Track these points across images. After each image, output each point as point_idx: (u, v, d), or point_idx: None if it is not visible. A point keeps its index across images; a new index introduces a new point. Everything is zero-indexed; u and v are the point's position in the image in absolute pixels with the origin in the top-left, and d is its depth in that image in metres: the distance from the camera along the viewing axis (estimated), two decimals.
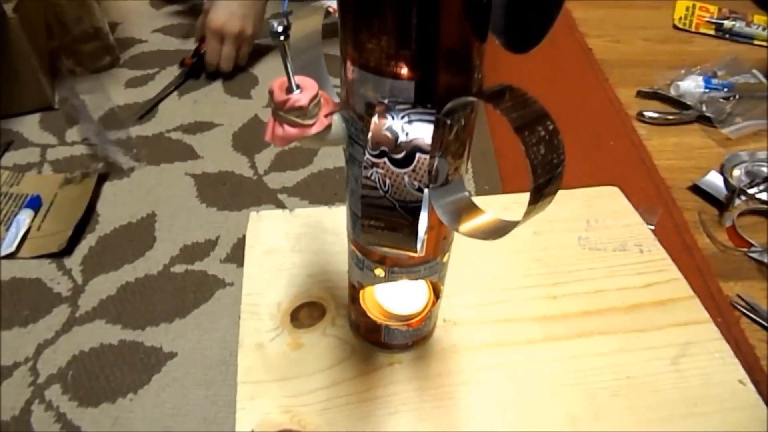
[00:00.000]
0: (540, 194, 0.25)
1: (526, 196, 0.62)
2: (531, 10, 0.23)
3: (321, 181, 0.67)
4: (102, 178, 0.66)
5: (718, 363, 0.47)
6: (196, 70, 0.84)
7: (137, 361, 0.48)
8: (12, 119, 0.74)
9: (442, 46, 0.25)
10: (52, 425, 0.44)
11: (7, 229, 0.58)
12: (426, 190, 0.30)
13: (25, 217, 0.59)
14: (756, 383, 0.46)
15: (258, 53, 0.89)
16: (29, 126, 0.74)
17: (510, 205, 0.61)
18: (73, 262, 0.56)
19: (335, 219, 0.59)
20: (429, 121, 0.24)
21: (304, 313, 0.50)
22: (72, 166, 0.68)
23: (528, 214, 0.25)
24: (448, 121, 0.27)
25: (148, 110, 0.77)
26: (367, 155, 0.23)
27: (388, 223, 0.24)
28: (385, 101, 0.25)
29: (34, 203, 0.61)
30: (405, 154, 0.23)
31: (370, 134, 0.23)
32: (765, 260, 0.58)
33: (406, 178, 0.23)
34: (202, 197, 0.64)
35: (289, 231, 0.57)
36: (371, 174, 0.23)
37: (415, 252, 0.26)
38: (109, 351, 0.49)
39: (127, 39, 0.92)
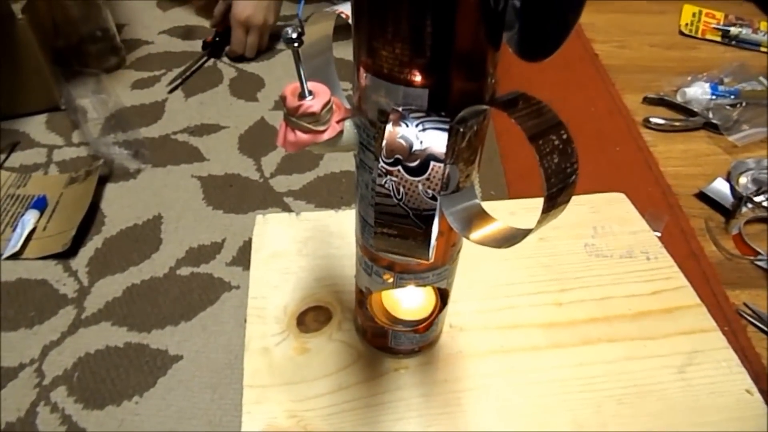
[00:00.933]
0: (553, 203, 0.25)
1: (532, 202, 0.62)
2: (547, 19, 0.23)
3: (327, 184, 0.66)
4: (105, 178, 0.66)
5: (725, 372, 0.47)
6: (217, 50, 0.90)
7: (143, 363, 0.48)
8: (19, 119, 0.75)
9: (456, 54, 0.25)
10: (58, 427, 0.44)
11: (13, 230, 0.58)
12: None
13: (30, 217, 0.59)
14: (763, 393, 0.46)
15: (264, 56, 0.89)
16: (36, 126, 0.74)
17: (516, 210, 0.60)
18: (79, 263, 0.56)
19: (342, 223, 0.59)
20: (443, 129, 0.24)
21: (311, 318, 0.50)
22: (78, 166, 0.68)
23: (541, 222, 0.25)
24: (461, 129, 0.27)
25: (171, 90, 0.82)
26: (381, 163, 0.23)
27: (401, 231, 0.24)
28: (399, 109, 0.25)
29: (40, 204, 0.61)
30: (419, 163, 0.23)
31: (384, 142, 0.23)
32: None
33: (420, 187, 0.23)
34: (208, 200, 0.64)
35: (295, 234, 0.57)
36: (385, 182, 0.23)
37: (428, 260, 0.26)
38: (114, 353, 0.49)
39: (133, 40, 0.92)
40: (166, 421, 0.45)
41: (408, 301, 0.44)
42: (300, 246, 0.56)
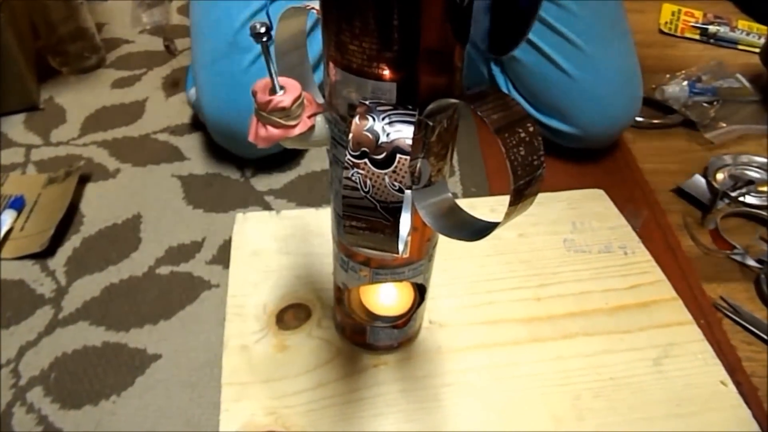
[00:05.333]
0: (521, 195, 0.25)
1: None
2: (509, 18, 0.23)
3: (308, 183, 0.66)
4: (85, 178, 0.65)
5: (700, 364, 0.48)
6: None
7: (121, 363, 0.48)
8: None
9: (423, 48, 0.25)
10: (34, 427, 0.44)
11: None
12: (408, 191, 0.30)
13: (7, 217, 0.59)
14: (738, 384, 0.47)
15: None
16: (14, 126, 0.73)
17: (496, 206, 0.61)
18: (57, 263, 0.56)
19: (322, 221, 0.59)
20: (410, 122, 0.24)
21: (290, 315, 0.50)
22: (56, 166, 0.67)
23: (508, 215, 0.25)
24: (431, 123, 0.27)
25: None
26: (348, 156, 0.23)
27: (369, 224, 0.24)
28: (367, 102, 0.25)
29: (17, 204, 0.61)
30: (385, 155, 0.23)
31: (350, 135, 0.24)
32: (747, 262, 0.58)
33: (387, 179, 0.23)
34: (188, 199, 0.64)
35: (275, 233, 0.57)
36: (352, 175, 0.23)
37: (397, 253, 0.26)
38: (92, 353, 0.49)
39: (113, 39, 0.91)
40: (143, 421, 0.44)
41: (386, 297, 0.44)
42: (280, 244, 0.56)
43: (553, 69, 0.65)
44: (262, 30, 0.26)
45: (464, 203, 0.62)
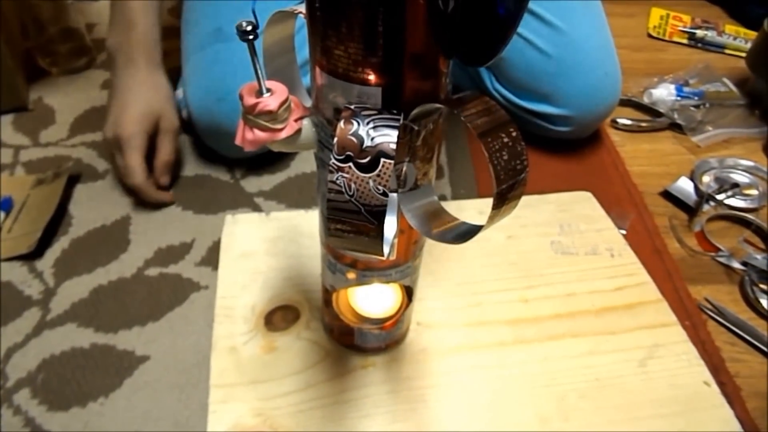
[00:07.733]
0: (503, 199, 0.25)
1: None
2: (488, 29, 0.24)
3: (299, 185, 0.67)
4: (73, 179, 0.65)
5: (684, 365, 0.48)
6: None
7: (109, 364, 0.48)
8: None
9: (408, 54, 0.25)
10: (21, 429, 0.44)
11: None
12: (393, 195, 0.30)
13: None
14: (721, 384, 0.47)
15: None
16: (2, 127, 0.73)
17: (484, 209, 0.61)
18: (45, 264, 0.56)
19: (311, 223, 0.59)
20: (394, 127, 0.24)
21: (279, 317, 0.50)
22: (45, 167, 0.67)
23: (492, 219, 0.26)
24: (416, 127, 0.28)
25: None
26: (333, 160, 0.24)
27: (353, 227, 0.25)
28: (352, 107, 0.25)
29: (5, 205, 0.61)
30: (370, 159, 0.23)
31: (335, 139, 0.24)
32: (732, 264, 0.59)
33: (371, 183, 0.23)
34: (178, 200, 0.64)
35: (264, 234, 0.57)
36: (337, 178, 0.24)
37: (383, 256, 0.26)
38: (80, 355, 0.49)
39: (103, 40, 0.90)
40: (131, 422, 0.44)
41: (374, 299, 0.44)
42: (269, 246, 0.56)
43: (532, 51, 0.66)
44: (248, 28, 0.26)
45: (453, 205, 0.63)
